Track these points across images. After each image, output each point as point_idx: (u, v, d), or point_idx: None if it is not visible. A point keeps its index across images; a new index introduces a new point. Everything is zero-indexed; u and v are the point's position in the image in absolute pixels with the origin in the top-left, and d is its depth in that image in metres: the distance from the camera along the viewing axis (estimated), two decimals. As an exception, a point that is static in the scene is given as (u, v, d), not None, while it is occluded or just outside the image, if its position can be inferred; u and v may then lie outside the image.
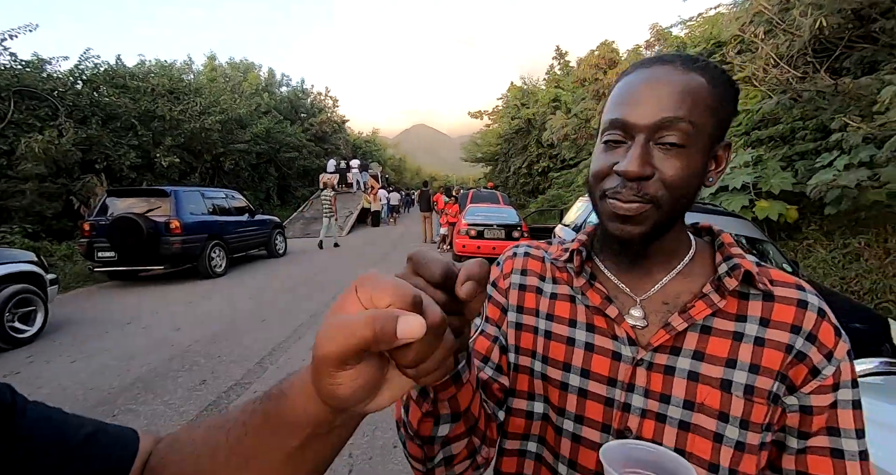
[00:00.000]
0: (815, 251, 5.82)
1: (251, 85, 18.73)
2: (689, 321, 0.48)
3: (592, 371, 0.51)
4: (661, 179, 0.45)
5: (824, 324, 0.47)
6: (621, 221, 0.47)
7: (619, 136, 0.47)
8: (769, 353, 0.46)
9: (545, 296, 0.56)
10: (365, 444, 2.34)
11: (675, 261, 0.52)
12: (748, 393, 0.46)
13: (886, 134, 3.54)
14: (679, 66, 0.46)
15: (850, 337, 1.73)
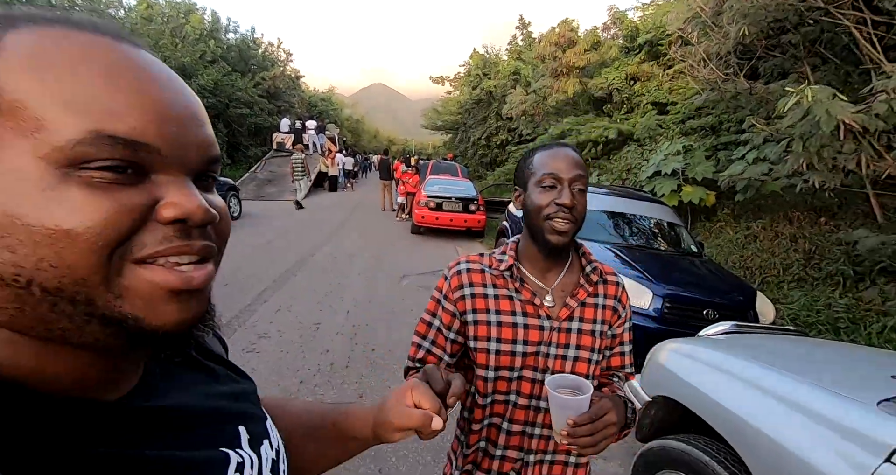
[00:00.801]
0: (725, 232, 6.74)
1: (194, 29, 17.02)
2: (577, 301, 0.86)
3: (529, 340, 0.84)
4: (578, 208, 0.80)
5: (624, 292, 0.92)
6: (559, 234, 0.79)
7: (553, 182, 0.81)
8: (607, 312, 0.88)
9: (490, 298, 0.86)
10: (335, 395, 2.71)
11: (565, 263, 0.89)
12: (601, 335, 0.86)
13: (781, 137, 4.21)
14: (572, 149, 0.85)
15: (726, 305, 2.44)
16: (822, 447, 1.09)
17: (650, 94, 10.65)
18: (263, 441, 0.42)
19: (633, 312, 3.02)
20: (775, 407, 1.25)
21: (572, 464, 0.89)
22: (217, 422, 0.39)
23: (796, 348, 1.74)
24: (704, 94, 5.94)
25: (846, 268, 4.57)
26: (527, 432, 0.86)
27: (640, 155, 9.38)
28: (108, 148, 0.27)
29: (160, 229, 0.29)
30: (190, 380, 0.40)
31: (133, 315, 0.28)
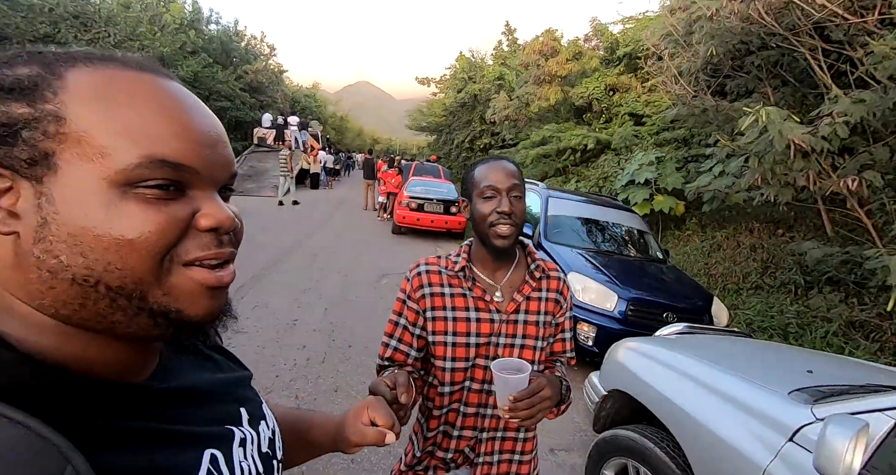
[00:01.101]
0: (692, 241, 7.08)
1: (174, 18, 16.60)
2: (522, 295, 0.97)
3: (481, 332, 0.95)
4: (517, 214, 0.92)
5: (565, 286, 1.04)
6: (503, 238, 0.91)
7: (493, 193, 0.92)
8: (549, 304, 1.00)
9: (447, 297, 0.96)
10: (310, 389, 2.77)
11: (512, 262, 1.01)
12: (544, 325, 0.98)
13: (742, 152, 4.50)
14: (508, 161, 0.96)
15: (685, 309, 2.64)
16: (741, 430, 1.24)
17: (628, 106, 11.03)
18: (261, 421, 0.48)
19: (600, 314, 3.22)
20: (707, 396, 1.41)
21: (521, 439, 1.01)
22: (222, 402, 0.44)
23: (734, 347, 1.92)
24: (676, 109, 6.24)
25: (798, 278, 4.90)
26: (480, 413, 0.97)
27: (617, 164, 9.72)
28: (159, 170, 0.33)
29: (199, 236, 0.35)
30: (198, 367, 0.46)
31: (176, 308, 0.34)
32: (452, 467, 1.00)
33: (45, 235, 0.30)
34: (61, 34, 9.68)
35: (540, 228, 4.32)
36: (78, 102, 0.32)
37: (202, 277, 0.35)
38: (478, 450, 0.98)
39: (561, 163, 11.24)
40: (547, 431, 2.61)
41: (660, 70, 6.61)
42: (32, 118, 0.31)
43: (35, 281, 0.31)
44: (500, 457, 0.99)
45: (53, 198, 0.30)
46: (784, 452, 1.12)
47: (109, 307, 0.32)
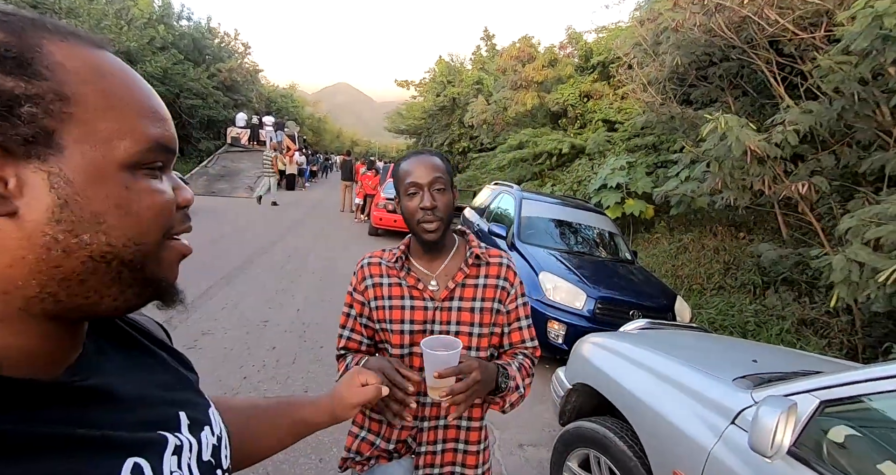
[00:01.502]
0: (661, 243, 7.34)
1: (143, 12, 16.05)
2: (455, 282, 0.99)
3: (415, 319, 0.97)
4: (440, 207, 0.93)
5: (509, 271, 1.03)
6: (430, 233, 0.93)
7: (415, 189, 0.93)
8: (489, 290, 1.00)
9: (384, 287, 1.00)
10: (278, 390, 2.73)
11: (449, 251, 1.03)
12: (480, 311, 0.99)
13: (705, 158, 4.71)
14: (429, 154, 0.98)
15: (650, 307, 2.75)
16: (690, 415, 1.31)
17: (601, 112, 11.36)
18: (204, 427, 0.44)
19: (570, 313, 3.30)
20: (660, 385, 1.48)
21: (464, 428, 1.01)
22: (156, 405, 0.40)
23: (689, 340, 2.02)
24: (645, 116, 6.49)
25: (756, 278, 5.16)
26: (420, 401, 0.96)
27: (590, 168, 9.98)
28: (161, 153, 0.35)
29: (179, 212, 0.39)
30: (130, 365, 0.42)
31: (163, 276, 0.37)
32: (395, 457, 1.01)
33: (65, 216, 0.30)
34: (18, 25, 9.18)
35: (514, 229, 4.40)
36: (78, 82, 0.32)
37: (182, 247, 0.39)
38: (419, 439, 0.99)
39: (537, 167, 11.45)
40: (516, 427, 2.66)
41: (631, 78, 6.86)
42: (31, 94, 0.30)
43: (32, 262, 0.30)
44: (443, 446, 1.00)
45: (70, 179, 0.30)
46: (727, 434, 1.19)
47: (111, 280, 0.33)
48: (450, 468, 1.01)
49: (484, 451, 1.04)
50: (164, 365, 0.46)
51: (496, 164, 12.33)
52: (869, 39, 2.68)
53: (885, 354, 3.50)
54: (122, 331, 0.44)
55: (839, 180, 4.20)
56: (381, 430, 1.01)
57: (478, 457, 1.03)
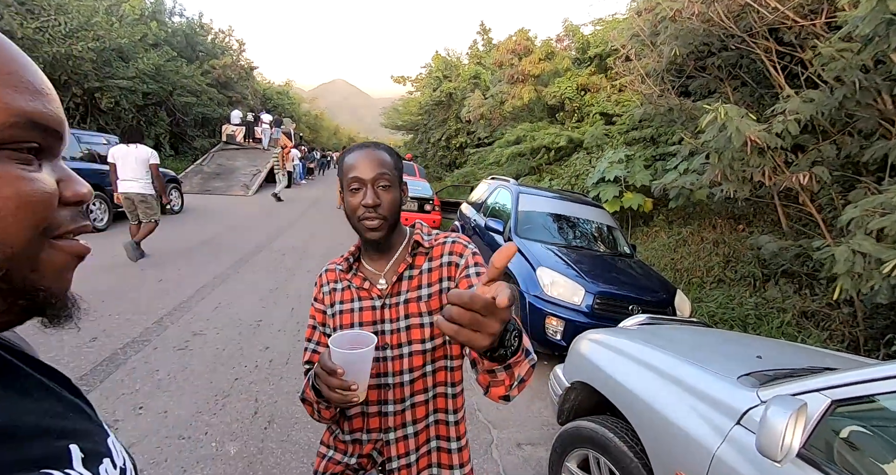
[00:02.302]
0: (660, 236, 7.28)
1: (134, 8, 15.83)
2: (397, 275, 0.91)
3: (364, 321, 0.91)
4: (384, 205, 0.86)
5: (454, 245, 0.93)
6: (372, 231, 0.86)
7: (358, 185, 0.86)
8: (435, 273, 0.91)
9: (338, 292, 0.96)
10: (271, 390, 2.67)
11: (396, 249, 0.95)
12: (428, 297, 0.89)
13: (703, 150, 4.64)
14: (375, 148, 0.90)
15: (649, 301, 2.63)
16: (692, 415, 1.25)
17: (599, 105, 11.26)
18: (104, 459, 0.38)
19: (568, 308, 3.24)
20: (662, 383, 1.42)
21: (439, 422, 0.92)
22: (38, 438, 0.33)
23: (690, 336, 1.96)
24: (643, 108, 6.40)
25: (756, 271, 5.11)
26: (382, 411, 0.90)
27: (588, 162, 9.90)
28: (30, 131, 0.29)
29: (66, 209, 0.32)
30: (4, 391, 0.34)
31: (45, 286, 0.31)
32: (362, 474, 0.94)
33: None
34: (5, 21, 9.03)
35: (511, 224, 4.33)
36: None
37: (74, 248, 0.32)
38: (387, 453, 0.90)
39: (535, 161, 11.37)
40: (514, 425, 2.61)
41: (628, 70, 6.76)
42: None
43: None
44: (417, 455, 0.91)
45: None
46: (732, 435, 1.13)
47: None
48: (427, 471, 0.93)
49: (462, 451, 0.94)
50: (46, 390, 0.38)
51: (494, 159, 12.25)
52: (873, 24, 2.61)
53: (887, 346, 3.46)
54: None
55: (840, 170, 4.14)
56: (347, 449, 0.94)
57: (456, 455, 0.93)
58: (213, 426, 2.27)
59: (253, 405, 2.50)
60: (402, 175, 0.92)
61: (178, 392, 2.53)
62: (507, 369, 0.64)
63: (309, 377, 0.88)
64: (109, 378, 2.60)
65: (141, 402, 2.39)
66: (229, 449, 2.13)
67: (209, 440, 2.17)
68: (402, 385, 0.90)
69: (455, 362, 0.94)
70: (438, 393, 0.93)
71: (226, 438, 2.20)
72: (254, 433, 2.26)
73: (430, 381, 0.92)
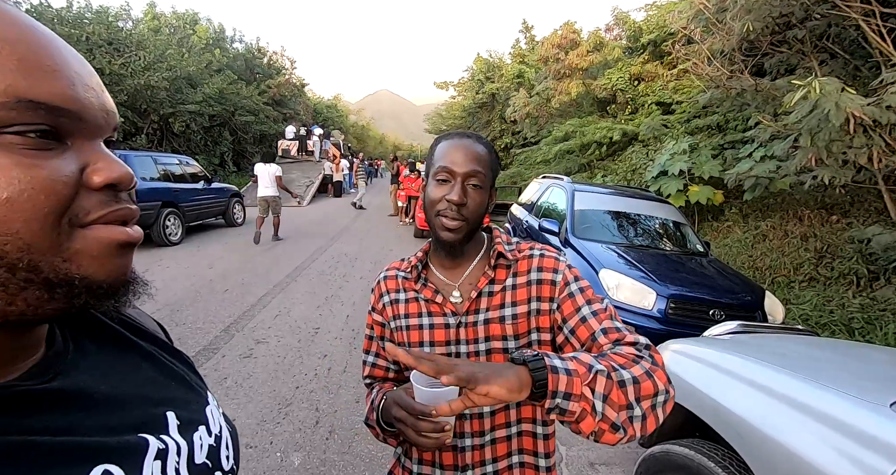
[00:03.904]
0: (733, 232, 6.61)
1: (201, 39, 17.30)
2: (477, 290, 0.78)
3: (435, 341, 0.79)
4: (469, 207, 0.74)
5: (544, 259, 0.79)
6: (448, 231, 0.74)
7: (447, 176, 0.75)
8: (521, 291, 0.77)
9: (401, 303, 0.83)
10: (330, 400, 2.66)
11: (475, 255, 0.82)
12: (513, 319, 0.76)
13: (788, 133, 4.11)
14: (475, 140, 0.78)
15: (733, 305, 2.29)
16: (831, 451, 1.01)
17: (655, 95, 10.57)
18: (199, 427, 0.41)
19: (637, 313, 2.96)
20: (781, 409, 1.18)
21: (518, 466, 0.80)
22: (136, 405, 0.36)
23: (805, 348, 1.66)
24: (709, 93, 5.84)
25: (860, 267, 4.43)
26: (457, 446, 0.78)
27: (646, 155, 9.29)
28: (30, 112, 0.27)
29: (94, 194, 0.31)
30: (114, 362, 0.38)
31: (81, 275, 0.30)
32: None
33: None
34: (96, 60, 10.17)
35: (566, 224, 4.08)
36: None
37: (110, 234, 0.31)
38: (461, 462, 0.78)
39: (585, 158, 10.87)
40: (585, 443, 2.39)
41: (690, 53, 6.22)
42: None
43: None
44: (495, 467, 0.79)
45: None
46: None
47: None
48: None
49: (550, 471, 0.81)
50: (153, 361, 0.42)
51: (541, 158, 11.88)
52: None
53: None
54: (102, 324, 0.40)
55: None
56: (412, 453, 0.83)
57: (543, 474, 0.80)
58: (276, 435, 2.29)
59: (314, 415, 2.50)
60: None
61: (244, 399, 2.59)
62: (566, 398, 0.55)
63: (375, 409, 0.78)
64: (183, 384, 2.72)
65: (211, 409, 2.47)
66: (293, 460, 2.12)
67: (274, 450, 2.18)
68: (480, 416, 0.77)
69: None
70: (524, 431, 0.80)
71: (289, 448, 2.19)
72: (316, 444, 2.24)
73: (513, 415, 0.79)
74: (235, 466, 0.45)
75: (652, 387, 0.59)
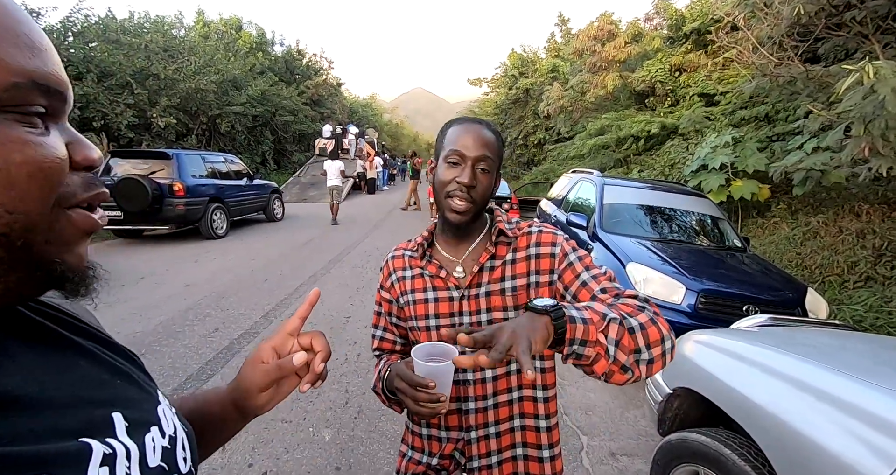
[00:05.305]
0: (780, 228, 6.24)
1: (245, 43, 18.20)
2: (479, 265, 0.83)
3: (440, 313, 0.85)
4: (478, 189, 0.79)
5: (542, 235, 0.85)
6: (457, 213, 0.79)
7: (457, 159, 0.79)
8: (520, 265, 0.83)
9: (408, 280, 0.89)
10: (359, 383, 2.80)
11: (477, 234, 0.88)
12: (514, 291, 0.82)
13: (841, 122, 3.85)
14: (487, 126, 0.82)
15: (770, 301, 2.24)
16: (851, 439, 1.00)
17: (697, 86, 10.08)
18: (151, 428, 0.37)
19: (666, 308, 2.90)
20: (802, 397, 1.16)
21: (521, 428, 0.85)
22: (77, 407, 0.32)
23: (835, 340, 1.59)
24: (755, 82, 5.54)
25: (924, 266, 4.09)
26: (462, 409, 0.84)
27: (685, 149, 8.90)
28: (34, 93, 0.27)
29: (77, 176, 0.30)
30: (45, 362, 0.33)
31: (60, 259, 0.29)
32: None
33: None
34: (154, 66, 10.97)
35: (595, 218, 4.03)
36: None
37: (85, 220, 0.30)
38: (468, 452, 0.85)
39: (621, 152, 10.54)
40: (606, 433, 2.39)
41: (736, 41, 5.92)
42: None
43: None
44: (500, 457, 0.85)
45: None
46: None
47: None
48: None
49: (556, 459, 0.85)
50: (93, 358, 0.37)
51: (575, 153, 11.63)
52: None
53: None
54: (32, 322, 0.35)
55: None
56: (424, 446, 0.90)
57: (545, 466, 0.84)
58: (310, 412, 2.44)
59: (344, 395, 2.64)
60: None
61: (280, 378, 2.77)
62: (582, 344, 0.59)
63: (382, 378, 0.86)
64: (227, 364, 2.94)
65: (250, 386, 2.67)
66: (324, 435, 2.26)
67: (307, 425, 2.33)
68: (483, 381, 0.84)
69: (546, 363, 0.86)
70: (525, 396, 0.85)
71: (321, 425, 2.34)
72: (345, 422, 2.38)
73: (514, 381, 0.85)
74: (194, 468, 0.42)
75: (657, 332, 0.65)
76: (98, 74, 9.96)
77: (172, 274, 4.96)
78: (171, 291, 4.31)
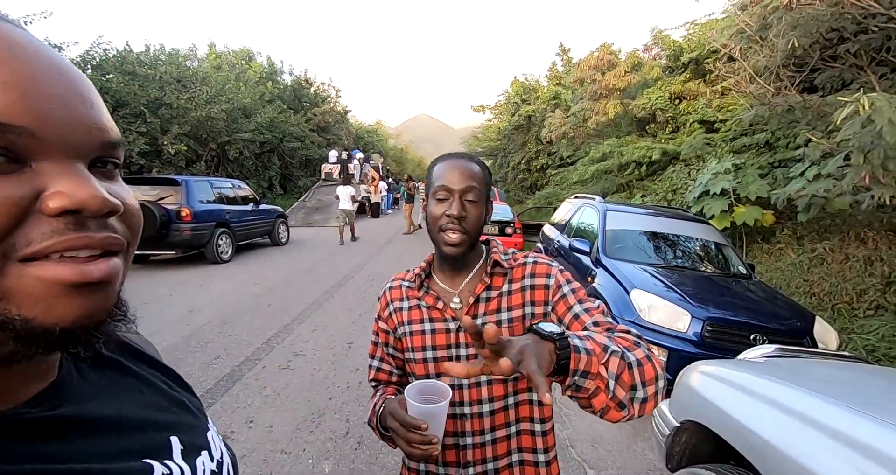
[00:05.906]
0: (786, 255, 6.20)
1: (255, 73, 18.89)
2: (475, 296, 0.84)
3: (437, 345, 0.85)
4: (469, 220, 0.81)
5: (536, 266, 0.86)
6: (451, 246, 0.81)
7: (445, 194, 0.81)
8: (516, 296, 0.84)
9: (405, 311, 0.90)
10: (360, 412, 2.75)
11: (473, 266, 0.89)
12: (509, 322, 0.83)
13: (841, 151, 3.90)
14: (469, 160, 0.85)
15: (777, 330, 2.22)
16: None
17: (697, 113, 10.27)
18: (202, 452, 0.40)
19: (671, 336, 2.86)
20: (815, 436, 1.13)
21: (517, 464, 0.84)
22: (140, 431, 0.36)
23: (848, 374, 1.56)
24: (754, 110, 5.65)
25: (934, 294, 4.03)
26: (459, 444, 0.84)
27: (687, 175, 8.98)
28: None
29: (47, 222, 0.26)
30: (115, 388, 0.37)
31: (21, 316, 0.26)
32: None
33: None
34: (167, 96, 11.38)
35: (598, 244, 4.04)
36: None
37: (52, 273, 0.26)
38: (463, 459, 0.84)
39: (623, 178, 10.64)
40: (614, 467, 2.32)
41: (732, 71, 6.08)
42: None
43: None
44: (496, 465, 0.84)
45: None
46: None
47: None
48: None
49: (550, 465, 0.85)
50: (153, 386, 0.41)
51: (577, 178, 11.74)
52: None
53: None
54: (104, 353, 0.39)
55: None
56: None
57: (543, 469, 0.83)
58: (310, 443, 2.39)
59: (345, 425, 2.59)
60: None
61: (281, 408, 2.73)
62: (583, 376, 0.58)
63: (377, 414, 0.85)
64: (227, 392, 2.91)
65: (251, 416, 2.63)
66: (324, 467, 2.21)
67: (307, 457, 2.28)
68: (480, 415, 0.83)
69: None
70: (523, 430, 0.85)
71: (321, 456, 2.29)
72: (345, 453, 2.32)
73: (512, 415, 0.84)
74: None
75: (653, 370, 0.65)
76: (113, 104, 10.32)
77: (177, 298, 4.97)
78: (175, 316, 4.31)
